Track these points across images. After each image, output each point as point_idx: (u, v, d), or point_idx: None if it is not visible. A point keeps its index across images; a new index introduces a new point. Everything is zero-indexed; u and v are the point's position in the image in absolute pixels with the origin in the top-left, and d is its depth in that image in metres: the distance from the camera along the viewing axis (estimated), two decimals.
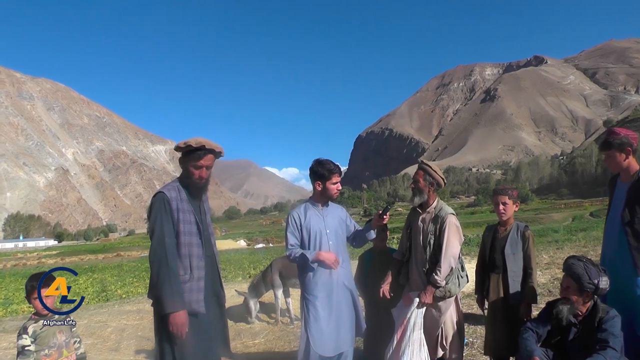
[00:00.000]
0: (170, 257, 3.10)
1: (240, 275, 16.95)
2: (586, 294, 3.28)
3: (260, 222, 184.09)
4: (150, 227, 3.16)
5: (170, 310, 3.02)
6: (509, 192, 4.16)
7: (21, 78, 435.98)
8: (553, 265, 11.20)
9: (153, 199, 3.22)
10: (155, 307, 3.15)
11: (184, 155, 3.31)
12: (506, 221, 4.17)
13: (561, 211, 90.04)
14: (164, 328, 3.11)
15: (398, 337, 3.92)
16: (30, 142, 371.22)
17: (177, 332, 3.05)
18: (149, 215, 3.20)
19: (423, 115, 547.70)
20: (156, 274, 3.06)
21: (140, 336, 7.14)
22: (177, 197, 3.25)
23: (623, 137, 3.60)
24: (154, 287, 3.08)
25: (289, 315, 7.80)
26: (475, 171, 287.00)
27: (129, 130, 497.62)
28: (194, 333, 3.17)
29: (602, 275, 3.25)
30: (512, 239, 4.08)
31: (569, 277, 3.31)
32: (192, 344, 3.16)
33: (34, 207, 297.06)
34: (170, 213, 3.19)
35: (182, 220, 3.23)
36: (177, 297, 3.06)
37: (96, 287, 16.32)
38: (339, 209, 4.12)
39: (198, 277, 3.25)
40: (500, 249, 4.11)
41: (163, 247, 3.10)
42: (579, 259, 3.34)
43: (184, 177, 3.37)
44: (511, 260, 4.03)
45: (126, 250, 72.81)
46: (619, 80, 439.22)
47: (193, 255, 3.25)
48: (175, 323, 3.04)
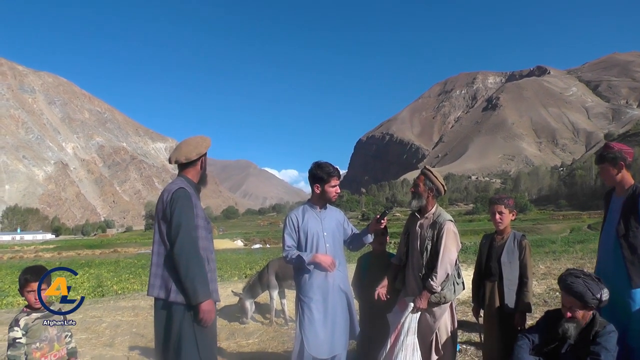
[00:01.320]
0: (197, 250, 3.20)
1: (237, 275, 16.97)
2: (590, 308, 3.28)
3: (258, 222, 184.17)
4: (176, 221, 3.17)
5: (204, 299, 3.11)
6: (505, 201, 4.17)
7: (23, 71, 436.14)
8: (549, 276, 11.21)
9: (175, 195, 3.25)
10: (184, 299, 3.16)
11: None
12: (503, 230, 4.19)
13: (559, 222, 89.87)
14: (186, 319, 3.17)
15: (392, 342, 3.92)
16: (30, 135, 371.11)
17: (207, 320, 3.15)
18: (172, 210, 3.21)
19: (424, 122, 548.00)
20: (186, 266, 3.10)
21: (134, 332, 7.13)
22: (192, 193, 3.36)
23: (617, 152, 3.67)
24: (184, 278, 3.10)
25: (283, 317, 7.81)
26: (474, 179, 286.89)
27: (129, 127, 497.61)
28: (214, 322, 3.30)
29: (602, 287, 3.26)
30: (509, 247, 4.10)
31: (571, 296, 3.28)
32: (213, 332, 3.31)
33: (33, 200, 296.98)
34: (192, 208, 3.28)
35: (199, 216, 3.32)
36: (207, 286, 3.17)
37: (92, 282, 16.32)
38: (337, 212, 4.14)
39: (213, 268, 3.40)
40: (496, 257, 4.12)
41: (191, 241, 3.16)
42: (576, 276, 3.31)
43: (203, 174, 3.56)
44: (507, 268, 4.04)
45: (123, 247, 72.83)
46: (622, 93, 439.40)
47: (207, 248, 3.37)
48: (207, 310, 3.13)
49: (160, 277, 3.24)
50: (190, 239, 3.17)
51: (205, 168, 3.58)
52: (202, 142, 3.49)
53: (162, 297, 3.22)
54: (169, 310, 3.22)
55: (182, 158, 3.42)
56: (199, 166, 3.51)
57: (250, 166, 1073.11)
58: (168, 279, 3.21)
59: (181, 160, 3.43)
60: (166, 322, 3.23)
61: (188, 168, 3.48)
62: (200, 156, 3.47)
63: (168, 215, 3.23)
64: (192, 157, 3.42)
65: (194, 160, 3.45)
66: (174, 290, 3.17)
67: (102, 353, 5.95)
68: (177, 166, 3.51)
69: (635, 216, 3.60)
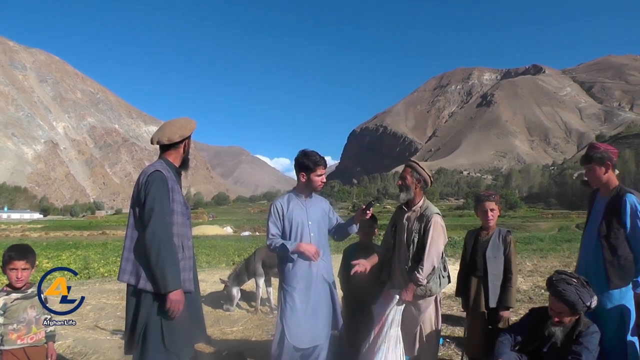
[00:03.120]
0: (170, 236, 3.09)
1: (224, 262, 16.94)
2: (578, 313, 3.29)
3: (248, 210, 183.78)
4: (149, 205, 3.07)
5: (172, 288, 3.00)
6: (494, 197, 4.21)
7: (14, 47, 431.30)
8: (536, 273, 11.29)
9: (150, 177, 3.14)
10: (152, 287, 3.07)
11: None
12: (490, 226, 4.23)
13: (548, 221, 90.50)
14: (153, 307, 3.08)
15: (375, 333, 3.90)
16: (20, 112, 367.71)
17: (175, 310, 3.03)
18: (146, 194, 3.11)
19: (419, 115, 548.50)
20: (157, 253, 2.99)
21: (119, 316, 7.10)
22: (170, 177, 3.23)
23: (603, 152, 3.66)
24: (154, 265, 3.00)
25: (269, 305, 7.81)
26: (466, 174, 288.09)
27: (122, 109, 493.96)
28: (185, 312, 3.16)
29: (592, 295, 3.25)
30: (494, 242, 4.12)
31: (562, 303, 3.25)
32: (184, 322, 3.17)
33: (21, 178, 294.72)
34: (167, 192, 3.17)
35: (175, 200, 3.22)
36: (177, 275, 3.06)
37: (79, 264, 16.19)
38: (323, 201, 4.10)
39: (189, 256, 3.27)
40: (481, 252, 4.14)
41: (164, 226, 3.06)
42: (568, 283, 3.27)
43: (185, 157, 3.44)
44: (492, 263, 4.06)
45: (112, 229, 72.37)
46: (615, 96, 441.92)
47: (184, 235, 3.26)
48: (175, 300, 3.02)
49: (132, 262, 3.13)
50: (164, 224, 3.06)
51: (188, 152, 3.47)
52: (187, 125, 3.37)
53: (132, 284, 3.12)
54: (138, 297, 3.12)
55: (164, 139, 3.29)
56: (182, 149, 3.39)
57: (243, 153, 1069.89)
58: (139, 265, 3.10)
59: (163, 141, 3.30)
60: (134, 310, 3.14)
61: (169, 150, 3.36)
62: (183, 139, 3.34)
63: (142, 199, 3.12)
64: (174, 139, 3.30)
65: (176, 143, 3.34)
66: (143, 277, 3.07)
67: (85, 336, 5.92)
68: (159, 147, 3.37)
69: (618, 217, 3.60)
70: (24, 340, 3.15)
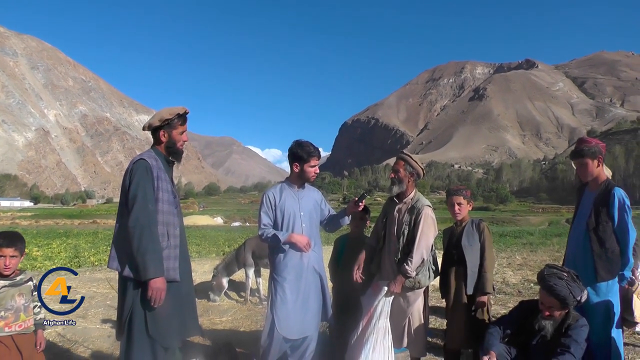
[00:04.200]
0: (153, 224, 3.10)
1: (214, 252, 16.95)
2: (568, 307, 3.32)
3: (239, 200, 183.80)
4: (132, 193, 3.10)
5: (153, 276, 3.00)
6: (463, 192, 4.25)
7: (5, 33, 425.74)
8: (525, 267, 11.38)
9: (134, 165, 3.19)
10: (132, 274, 3.08)
11: (168, 125, 3.33)
12: (461, 220, 4.26)
13: (538, 215, 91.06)
14: (137, 295, 3.10)
15: (364, 324, 3.91)
16: (11, 99, 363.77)
17: (156, 298, 3.03)
18: (130, 182, 3.14)
19: (410, 108, 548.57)
20: (139, 240, 3.01)
21: (109, 305, 7.11)
22: (156, 165, 3.24)
23: (594, 146, 3.72)
24: (135, 252, 3.01)
25: (258, 295, 7.84)
26: (457, 168, 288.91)
27: (114, 97, 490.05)
28: (170, 300, 3.15)
29: (583, 289, 3.29)
30: (468, 231, 4.16)
31: (553, 297, 3.28)
32: (167, 311, 3.16)
33: (11, 166, 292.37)
34: (152, 180, 3.18)
35: (161, 189, 3.22)
36: (159, 263, 3.06)
37: (69, 253, 16.13)
38: (315, 192, 4.09)
39: (174, 245, 3.26)
40: (457, 242, 4.17)
41: (146, 214, 3.07)
42: (559, 277, 3.30)
43: (168, 145, 3.39)
44: (469, 251, 4.07)
45: (103, 218, 72.24)
46: (606, 92, 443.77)
47: (170, 223, 3.26)
48: (156, 288, 3.02)
49: (118, 250, 3.16)
50: (146, 211, 3.07)
51: (172, 141, 3.38)
52: (169, 109, 3.36)
53: (119, 271, 3.15)
54: (124, 284, 3.16)
55: (146, 125, 3.35)
56: (163, 136, 3.35)
57: (234, 143, 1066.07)
58: (123, 252, 3.12)
59: (145, 128, 3.36)
60: (121, 297, 3.18)
61: (157, 138, 3.37)
62: (162, 122, 3.31)
63: (126, 187, 3.16)
64: (154, 123, 3.32)
65: (157, 129, 3.33)
66: (127, 264, 3.10)
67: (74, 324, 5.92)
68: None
69: (606, 210, 3.66)
70: (11, 327, 3.10)
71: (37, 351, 3.25)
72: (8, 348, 3.10)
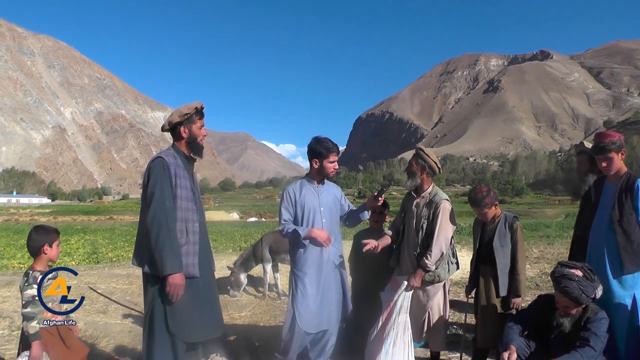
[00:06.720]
0: (170, 220, 3.13)
1: (231, 248, 17.00)
2: (583, 304, 3.32)
3: (254, 195, 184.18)
4: (149, 190, 3.15)
5: (171, 272, 3.04)
6: (482, 202, 4.05)
7: (22, 33, 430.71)
8: (542, 260, 11.29)
9: (152, 164, 3.24)
10: (151, 270, 3.13)
11: (187, 120, 3.36)
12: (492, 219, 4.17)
13: (555, 207, 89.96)
14: (157, 291, 3.15)
15: (384, 319, 3.91)
16: (28, 97, 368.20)
17: (174, 293, 3.08)
18: (148, 179, 3.20)
19: (424, 101, 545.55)
20: (156, 236, 3.06)
21: (128, 300, 7.17)
22: (175, 162, 3.28)
23: (617, 140, 3.64)
24: (153, 248, 3.06)
25: (276, 290, 7.86)
26: (472, 161, 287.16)
27: (129, 94, 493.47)
28: (189, 296, 3.20)
29: (597, 286, 3.27)
30: (501, 231, 4.07)
31: (566, 298, 3.27)
32: (188, 307, 3.20)
33: (29, 163, 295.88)
34: (169, 178, 3.22)
35: (179, 186, 3.26)
36: (177, 259, 3.09)
37: (87, 249, 16.31)
38: (335, 187, 4.11)
39: (193, 241, 3.30)
40: (488, 241, 4.10)
41: (164, 210, 3.12)
42: (570, 279, 3.27)
43: (189, 141, 3.40)
44: (500, 253, 4.01)
45: (119, 214, 72.68)
46: (623, 81, 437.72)
47: (189, 219, 3.30)
48: (173, 284, 3.06)
49: (139, 246, 3.24)
50: (163, 208, 3.12)
51: (192, 136, 3.41)
52: (186, 106, 3.38)
53: (140, 267, 3.22)
54: (146, 280, 3.23)
55: (166, 124, 3.39)
56: (183, 132, 3.37)
57: (249, 139, 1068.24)
58: (143, 249, 3.18)
59: (165, 126, 3.40)
60: (144, 292, 3.26)
61: (178, 135, 3.39)
62: (182, 117, 3.34)
63: (145, 185, 3.23)
64: (174, 120, 3.36)
65: (178, 125, 3.36)
66: (147, 261, 3.16)
67: (96, 320, 5.99)
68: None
69: (630, 202, 3.59)
70: (56, 318, 3.17)
71: (75, 338, 3.33)
72: (52, 335, 3.15)
